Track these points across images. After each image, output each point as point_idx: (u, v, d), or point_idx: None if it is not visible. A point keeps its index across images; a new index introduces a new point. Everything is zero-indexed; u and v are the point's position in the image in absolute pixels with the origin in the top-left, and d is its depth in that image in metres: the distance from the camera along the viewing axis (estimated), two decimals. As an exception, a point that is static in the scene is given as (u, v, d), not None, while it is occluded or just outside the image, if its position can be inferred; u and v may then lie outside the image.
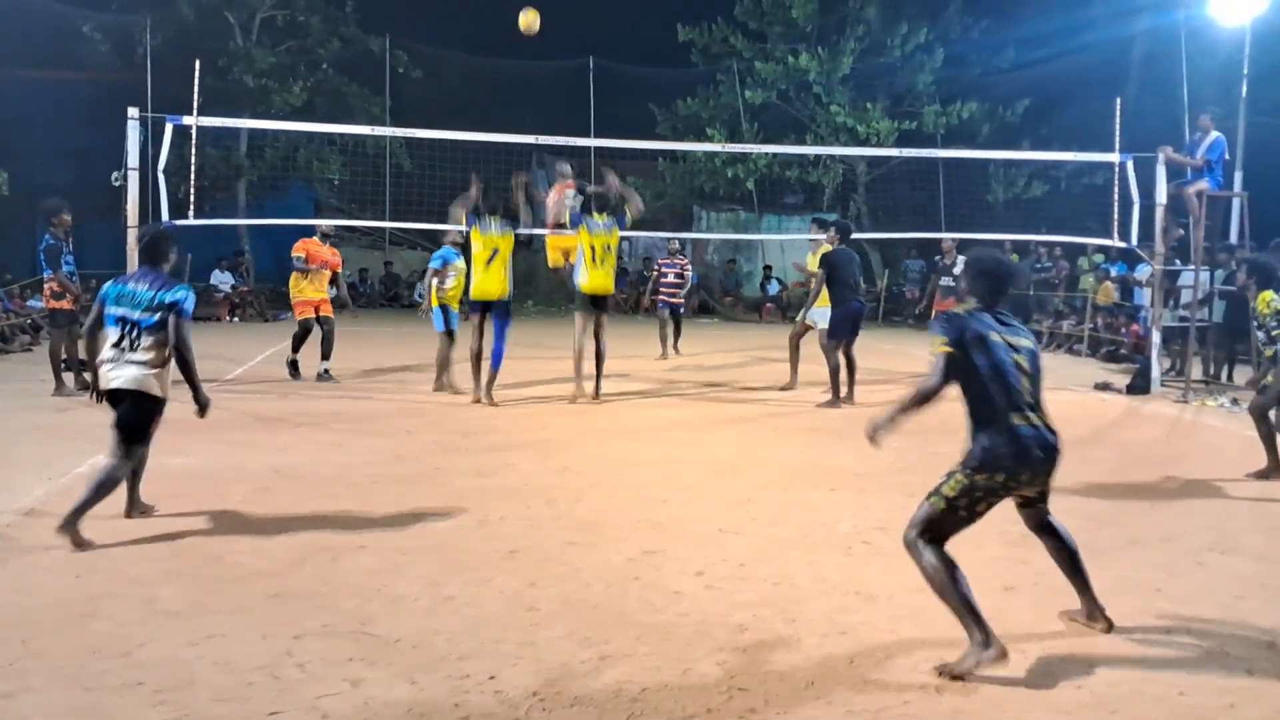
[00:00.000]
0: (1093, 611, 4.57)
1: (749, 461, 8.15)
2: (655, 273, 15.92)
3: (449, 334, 11.66)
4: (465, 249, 11.53)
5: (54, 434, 8.68)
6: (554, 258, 13.35)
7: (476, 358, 10.68)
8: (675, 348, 15.53)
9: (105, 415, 5.97)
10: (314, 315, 12.65)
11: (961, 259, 14.69)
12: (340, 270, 13.17)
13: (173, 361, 6.04)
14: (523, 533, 5.95)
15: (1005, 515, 6.36)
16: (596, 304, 10.87)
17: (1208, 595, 5.08)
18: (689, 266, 16.12)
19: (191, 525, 5.97)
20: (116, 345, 5.90)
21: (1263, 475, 7.91)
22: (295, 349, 12.56)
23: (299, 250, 12.55)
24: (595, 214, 11.06)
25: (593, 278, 10.78)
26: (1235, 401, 11.90)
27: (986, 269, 4.61)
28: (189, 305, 6.06)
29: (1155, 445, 9.52)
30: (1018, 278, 3.92)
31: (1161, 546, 5.95)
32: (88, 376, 10.93)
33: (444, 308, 11.73)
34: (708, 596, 4.93)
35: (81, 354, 11.18)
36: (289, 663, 4.06)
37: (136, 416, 5.94)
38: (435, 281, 11.79)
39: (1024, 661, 4.19)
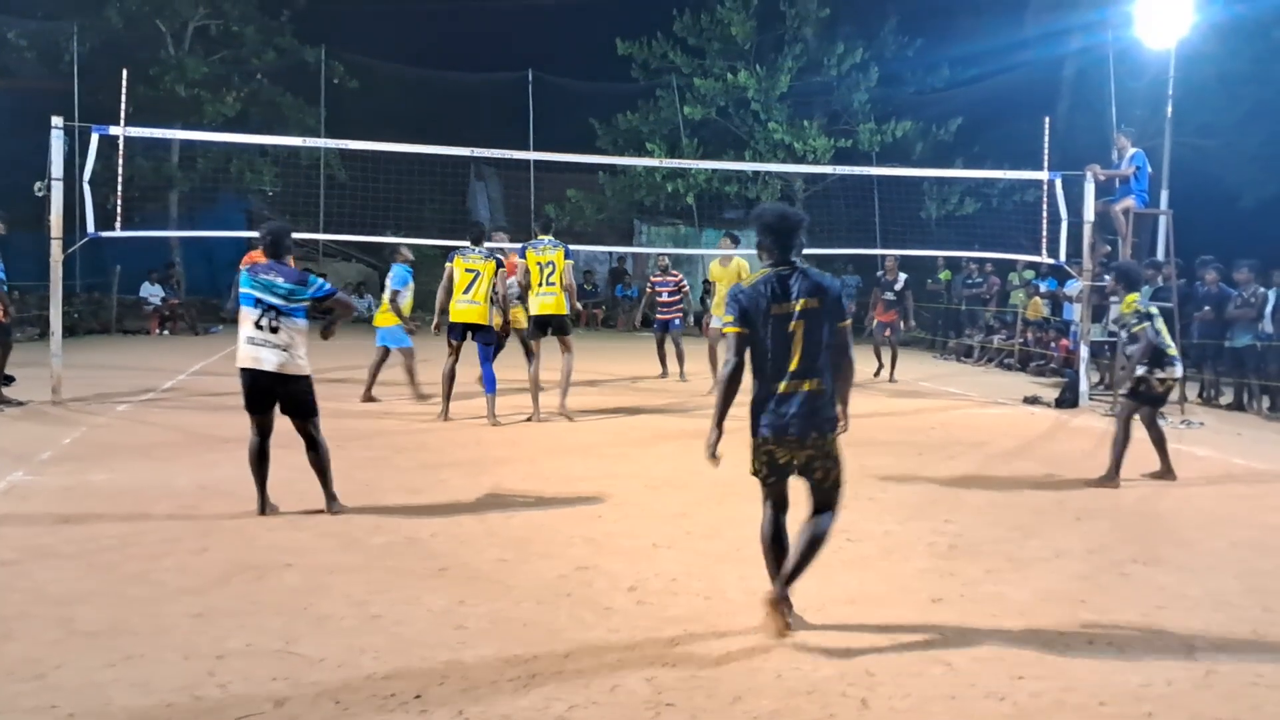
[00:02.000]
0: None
1: (685, 476, 8.14)
2: (649, 291, 15.73)
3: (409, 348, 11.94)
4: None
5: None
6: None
7: (449, 378, 10.64)
8: (681, 374, 14.97)
9: (25, 432, 5.80)
10: None
11: (903, 276, 14.98)
12: None
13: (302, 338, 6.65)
14: (453, 550, 5.89)
15: (932, 528, 6.45)
16: (546, 327, 10.91)
17: (1130, 606, 5.17)
18: (684, 283, 15.92)
19: (114, 543, 5.83)
20: (257, 325, 6.52)
21: (1159, 475, 8.54)
22: None
23: (246, 264, 12.55)
24: (539, 233, 11.03)
25: (538, 304, 10.81)
26: (1162, 414, 12.15)
27: (768, 223, 4.71)
28: (329, 286, 6.86)
29: (1082, 458, 9.68)
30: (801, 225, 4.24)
31: (1086, 558, 6.05)
32: (6, 391, 10.79)
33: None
34: (639, 612, 4.92)
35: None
36: (210, 683, 3.97)
37: (300, 396, 6.71)
38: (395, 300, 11.91)
39: (949, 673, 4.23)
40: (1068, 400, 13.06)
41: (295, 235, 9.47)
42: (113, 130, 11.71)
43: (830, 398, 4.62)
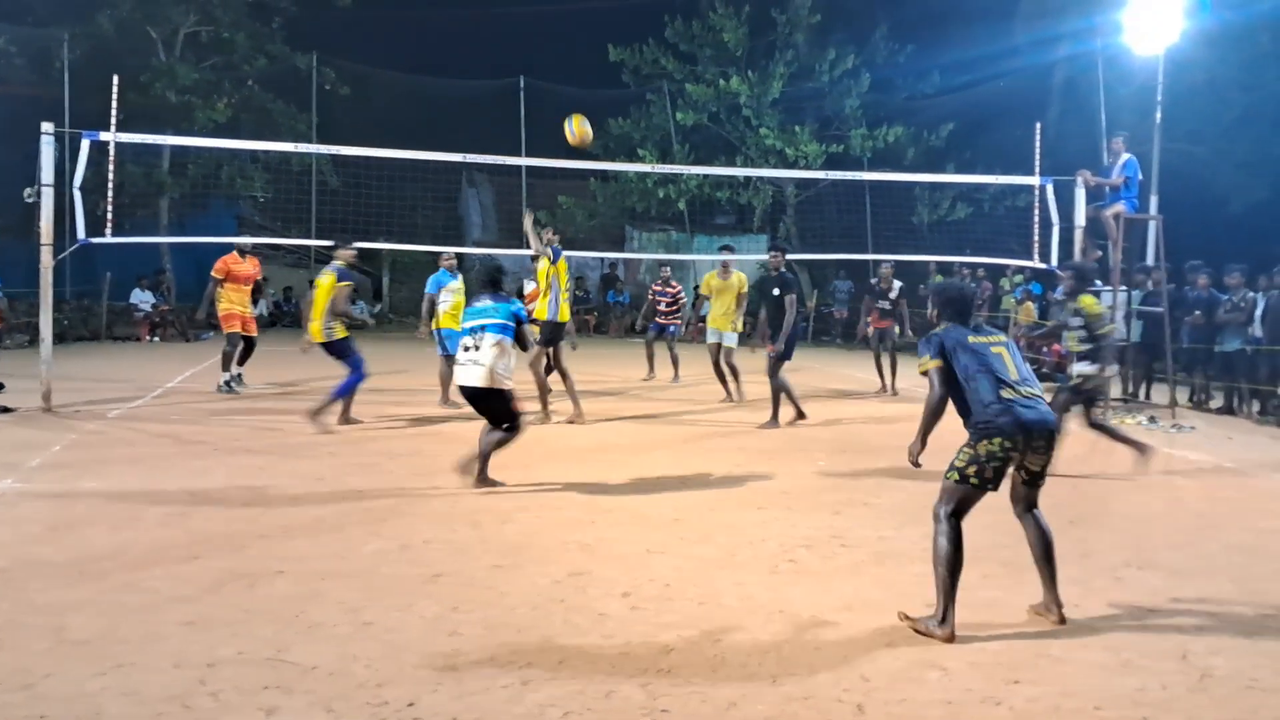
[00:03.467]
0: (1050, 604, 5.00)
1: (679, 482, 8.14)
2: (650, 299, 15.89)
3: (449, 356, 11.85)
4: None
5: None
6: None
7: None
8: (676, 376, 15.14)
9: (15, 439, 5.77)
10: (240, 329, 13.06)
11: (898, 284, 14.76)
12: (260, 278, 13.44)
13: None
14: (447, 557, 5.87)
15: (927, 532, 6.43)
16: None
17: (1124, 610, 5.17)
18: (682, 294, 16.04)
19: (104, 551, 5.80)
20: (465, 350, 7.75)
21: (1140, 459, 8.81)
22: (226, 367, 12.84)
23: (219, 271, 12.87)
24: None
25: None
26: (1153, 419, 12.19)
27: (951, 297, 5.42)
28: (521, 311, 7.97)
29: (1075, 462, 9.67)
30: (974, 299, 5.11)
31: (1080, 562, 6.04)
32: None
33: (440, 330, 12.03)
34: (633, 618, 4.90)
35: None
36: (201, 692, 3.94)
37: (498, 407, 7.77)
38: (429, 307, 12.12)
39: (944, 678, 4.23)
40: (1060, 405, 13.05)
41: (285, 242, 9.56)
42: (103, 136, 11.67)
43: None
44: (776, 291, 11.27)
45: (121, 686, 3.97)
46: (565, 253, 11.40)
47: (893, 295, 14.94)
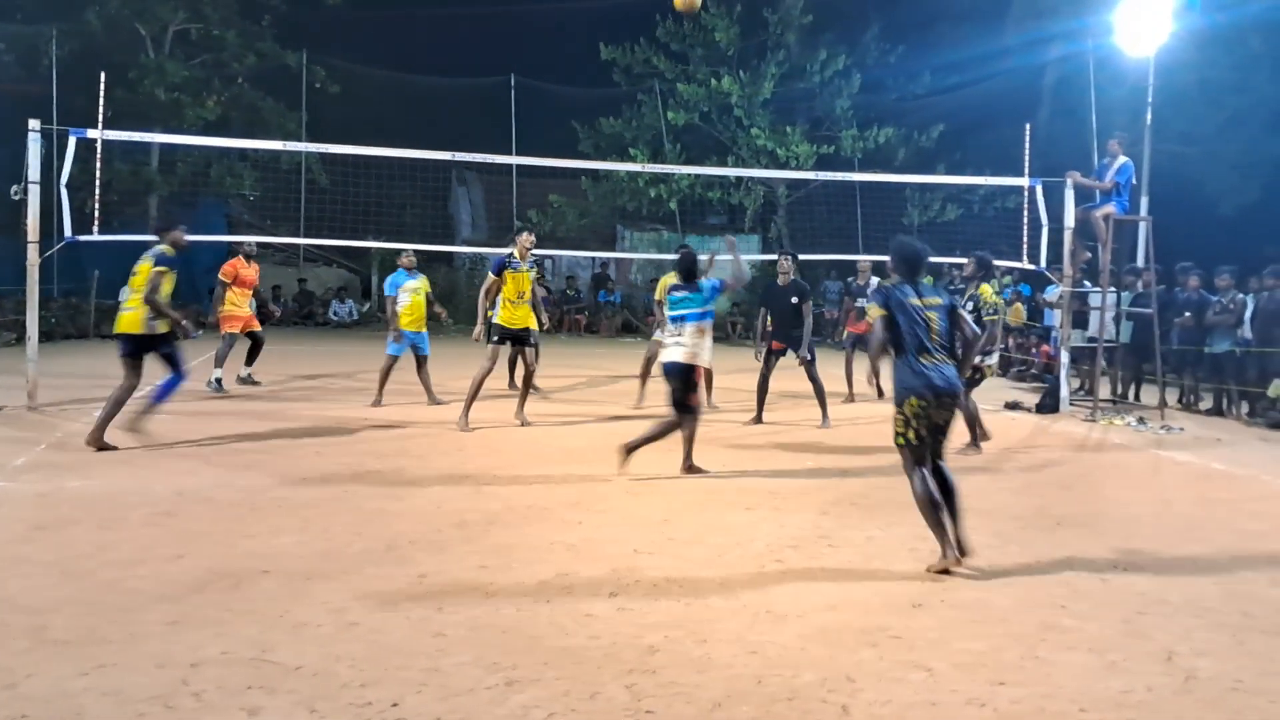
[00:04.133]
0: (956, 545, 5.80)
1: (666, 482, 8.13)
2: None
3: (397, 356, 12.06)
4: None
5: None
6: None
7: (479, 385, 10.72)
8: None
9: (1, 434, 5.73)
10: (239, 330, 13.28)
11: (876, 280, 14.54)
12: (257, 285, 13.79)
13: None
14: (433, 557, 5.84)
15: (914, 533, 6.44)
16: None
17: (1109, 612, 5.17)
18: None
19: (88, 550, 5.76)
20: (671, 335, 8.32)
21: (971, 447, 9.78)
22: (219, 364, 12.92)
23: (227, 275, 13.02)
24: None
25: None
26: (1142, 420, 12.22)
27: (906, 256, 6.27)
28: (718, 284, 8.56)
29: (1063, 463, 9.71)
30: (928, 257, 6.32)
31: (1066, 563, 6.04)
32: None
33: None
34: (620, 618, 4.89)
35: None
36: (184, 692, 3.92)
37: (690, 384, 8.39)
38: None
39: (929, 679, 4.22)
40: (1048, 405, 13.11)
41: (273, 240, 9.51)
42: (90, 134, 11.62)
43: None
44: (795, 300, 11.35)
45: (103, 686, 3.95)
46: (556, 252, 11.38)
47: (870, 291, 14.07)
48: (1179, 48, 18.43)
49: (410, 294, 12.11)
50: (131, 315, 9.06)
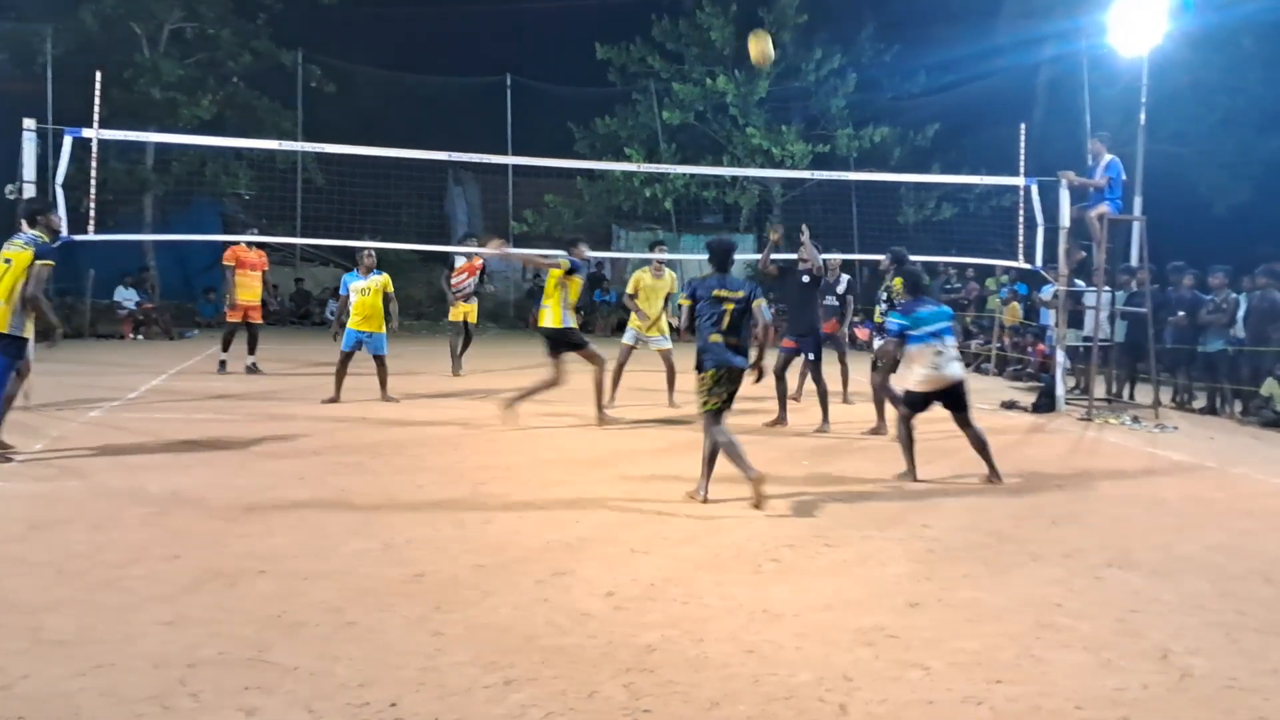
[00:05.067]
0: (701, 488, 7.39)
1: (663, 481, 8.12)
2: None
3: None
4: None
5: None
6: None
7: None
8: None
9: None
10: (242, 320, 14.10)
11: (845, 277, 14.27)
12: (267, 269, 14.93)
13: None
14: (429, 556, 5.85)
15: (910, 532, 6.46)
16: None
17: (1104, 610, 5.19)
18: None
19: (84, 550, 5.76)
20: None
21: (874, 432, 10.49)
22: (224, 348, 13.96)
23: (229, 258, 13.33)
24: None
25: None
26: (1136, 419, 12.25)
27: (715, 250, 7.69)
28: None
29: (1058, 462, 9.73)
30: (733, 249, 7.80)
31: (1062, 562, 6.07)
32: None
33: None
34: (616, 618, 4.90)
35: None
36: (181, 692, 3.92)
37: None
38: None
39: (926, 678, 4.23)
40: (1044, 405, 13.12)
41: (269, 240, 9.53)
42: (86, 133, 11.60)
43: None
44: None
45: (100, 687, 3.95)
46: (550, 251, 11.39)
47: (840, 289, 13.74)
48: (1172, 48, 18.44)
49: (358, 293, 12.27)
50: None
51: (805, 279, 11.21)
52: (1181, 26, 18.20)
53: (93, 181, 12.11)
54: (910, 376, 8.56)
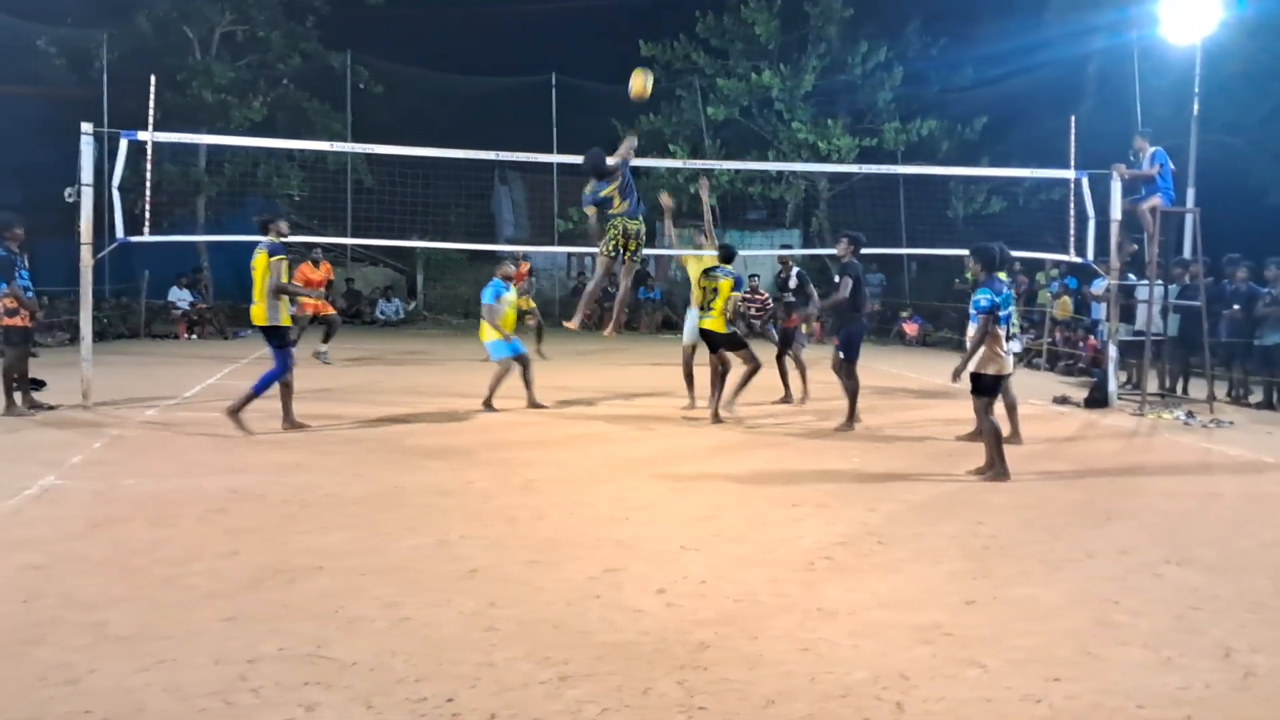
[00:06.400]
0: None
1: (711, 478, 8.13)
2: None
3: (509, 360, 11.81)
4: None
5: (3, 455, 8.49)
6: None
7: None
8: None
9: (55, 437, 5.85)
10: (310, 314, 15.51)
11: (798, 271, 13.74)
12: (332, 277, 16.10)
13: None
14: (483, 552, 5.90)
15: (963, 529, 6.41)
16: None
17: (1163, 607, 5.12)
18: (769, 299, 14.90)
19: (144, 547, 5.87)
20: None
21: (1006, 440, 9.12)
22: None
23: (298, 280, 14.10)
24: (720, 262, 11.30)
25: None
26: (1191, 414, 12.06)
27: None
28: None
29: (1112, 458, 9.61)
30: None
31: (1118, 559, 5.99)
32: (36, 395, 10.88)
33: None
34: (669, 615, 4.91)
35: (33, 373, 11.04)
36: (242, 688, 3.99)
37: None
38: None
39: (983, 676, 4.20)
40: (1097, 400, 12.96)
41: (321, 240, 9.67)
42: (141, 136, 11.79)
43: None
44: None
45: (163, 682, 4.02)
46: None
47: (793, 285, 13.37)
48: (1225, 36, 18.12)
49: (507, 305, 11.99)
50: (259, 309, 9.75)
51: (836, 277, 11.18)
52: (1235, 15, 17.87)
53: (148, 183, 12.30)
54: (992, 361, 8.34)
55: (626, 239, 9.70)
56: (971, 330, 8.71)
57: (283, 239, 9.97)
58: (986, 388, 8.40)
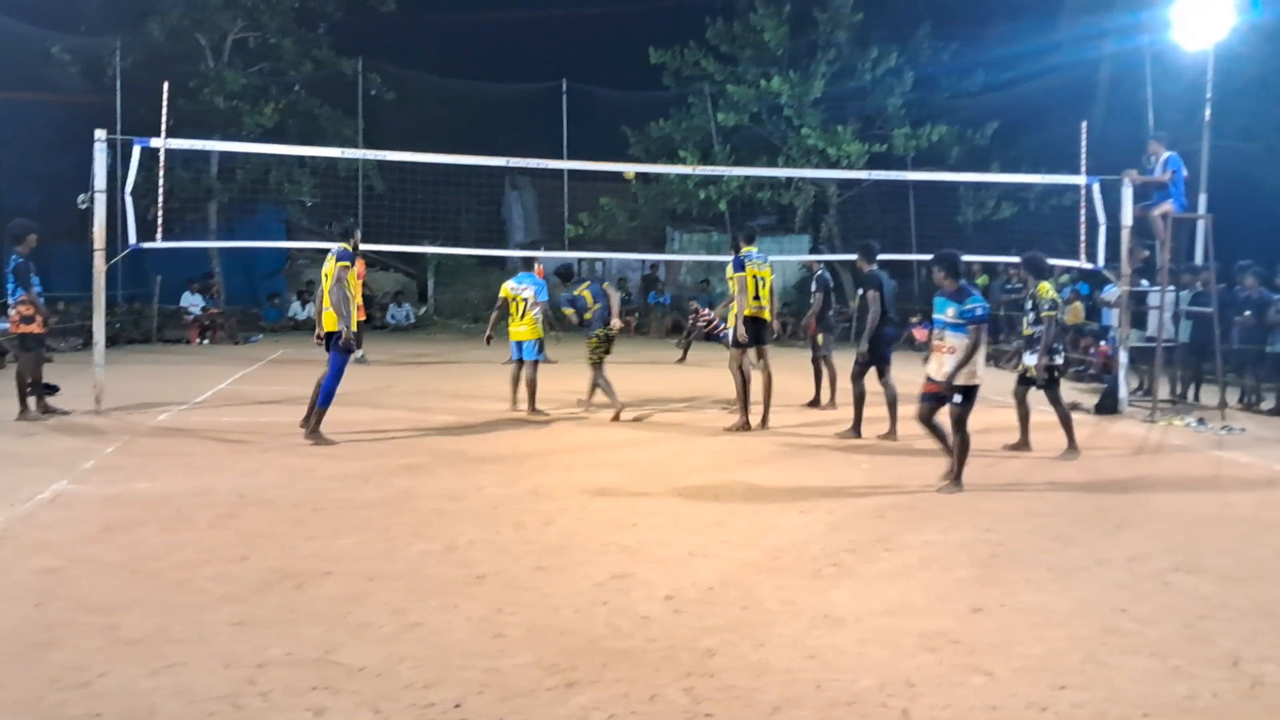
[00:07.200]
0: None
1: (719, 484, 8.14)
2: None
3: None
4: None
5: (16, 460, 8.56)
6: None
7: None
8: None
9: (68, 441, 5.90)
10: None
11: (817, 275, 13.60)
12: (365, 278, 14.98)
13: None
14: (491, 558, 5.92)
15: (972, 536, 6.41)
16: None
17: (1172, 615, 5.11)
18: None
19: (155, 551, 5.90)
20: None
21: (1015, 448, 9.80)
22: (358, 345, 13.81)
23: (361, 272, 14.28)
24: (744, 246, 11.05)
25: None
26: (1202, 421, 12.02)
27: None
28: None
29: (1122, 465, 9.58)
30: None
31: (1127, 567, 5.98)
32: (50, 400, 10.95)
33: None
34: (676, 621, 4.92)
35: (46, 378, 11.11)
36: (251, 692, 4.01)
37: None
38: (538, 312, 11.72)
39: (990, 683, 4.20)
40: (1107, 406, 12.92)
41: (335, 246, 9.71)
42: (154, 143, 11.87)
43: None
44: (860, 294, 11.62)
45: (174, 686, 4.05)
46: (606, 255, 11.25)
47: (812, 289, 13.36)
48: (1238, 42, 18.05)
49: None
50: (329, 315, 9.68)
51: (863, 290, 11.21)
52: (1249, 20, 17.80)
53: (160, 190, 12.37)
54: (978, 370, 8.34)
55: (609, 344, 11.33)
56: (958, 339, 8.33)
57: (357, 249, 10.09)
58: (973, 399, 8.37)
